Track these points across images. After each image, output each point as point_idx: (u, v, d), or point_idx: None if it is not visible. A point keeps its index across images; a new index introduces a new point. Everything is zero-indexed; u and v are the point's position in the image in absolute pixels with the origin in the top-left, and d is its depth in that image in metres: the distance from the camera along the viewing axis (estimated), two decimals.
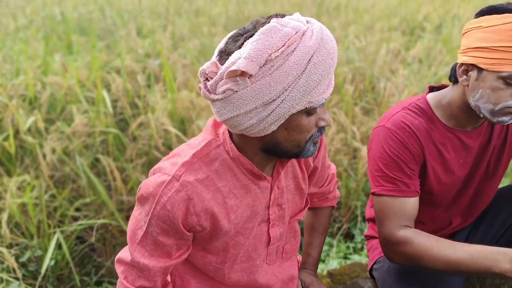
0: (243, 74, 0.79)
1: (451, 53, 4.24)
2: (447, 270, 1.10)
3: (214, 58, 0.86)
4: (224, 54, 0.84)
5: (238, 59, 0.79)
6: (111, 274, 2.08)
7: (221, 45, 0.87)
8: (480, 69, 1.11)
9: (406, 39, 5.28)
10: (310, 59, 0.81)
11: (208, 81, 0.85)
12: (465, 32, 1.16)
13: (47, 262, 1.82)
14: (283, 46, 0.79)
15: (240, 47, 0.82)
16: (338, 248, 2.26)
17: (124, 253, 0.99)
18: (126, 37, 4.94)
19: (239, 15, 7.58)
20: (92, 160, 2.44)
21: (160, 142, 2.36)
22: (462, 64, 1.16)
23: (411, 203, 1.20)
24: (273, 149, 0.92)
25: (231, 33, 0.87)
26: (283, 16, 0.85)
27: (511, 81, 1.08)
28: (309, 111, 0.86)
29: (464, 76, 1.15)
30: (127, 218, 2.29)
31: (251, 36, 0.82)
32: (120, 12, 7.47)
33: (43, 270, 1.81)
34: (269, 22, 0.82)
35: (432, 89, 1.32)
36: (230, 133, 0.96)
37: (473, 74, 1.13)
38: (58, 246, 2.01)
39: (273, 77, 0.80)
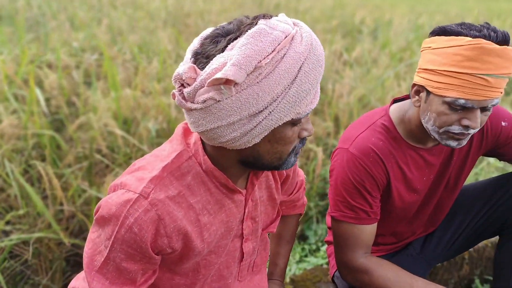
0: (228, 82, 0.70)
1: (394, 58, 4.43)
2: None
3: (189, 60, 0.76)
4: (202, 57, 0.74)
5: (224, 65, 0.70)
6: None
7: (195, 45, 0.77)
8: (428, 92, 1.09)
9: (346, 41, 5.44)
10: (301, 67, 0.74)
11: (185, 87, 0.75)
12: (421, 51, 1.14)
13: None
14: (272, 51, 0.72)
15: (222, 50, 0.73)
16: (294, 251, 2.24)
17: (78, 282, 0.89)
18: (58, 29, 4.55)
19: (178, 11, 7.38)
20: (24, 166, 2.19)
21: (104, 145, 2.17)
22: (414, 85, 1.14)
23: (370, 230, 1.23)
24: (252, 162, 0.85)
25: (207, 33, 0.78)
26: (270, 17, 0.76)
27: (455, 107, 1.04)
28: (294, 122, 0.80)
29: (417, 97, 1.14)
30: (66, 229, 2.08)
31: (235, 38, 0.73)
32: (48, 2, 6.91)
33: None
34: (256, 23, 0.74)
35: (396, 101, 1.29)
36: (203, 142, 0.87)
37: (423, 95, 1.11)
38: None
39: (261, 86, 0.72)
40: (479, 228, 1.41)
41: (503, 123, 1.26)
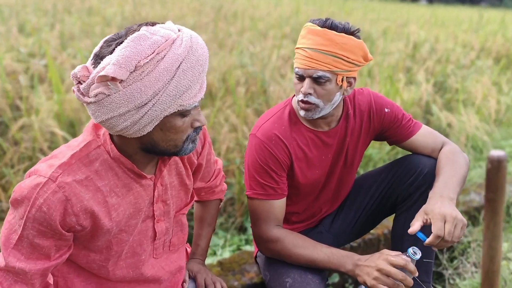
0: (114, 79, 0.82)
1: None
2: (309, 265, 1.35)
3: (90, 61, 0.88)
4: (98, 58, 0.86)
5: (107, 65, 0.82)
6: None
7: (96, 48, 0.89)
8: None
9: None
10: (179, 66, 0.85)
11: (81, 84, 0.87)
12: None
13: None
14: (152, 53, 0.83)
15: (111, 52, 0.84)
16: (232, 241, 2.38)
17: None
18: (6, 34, 4.52)
19: (136, 17, 7.40)
20: None
21: (45, 146, 2.25)
22: None
23: (278, 204, 1.40)
24: (151, 149, 0.96)
25: (107, 37, 0.90)
26: (153, 24, 0.89)
27: (296, 75, 1.31)
28: (182, 113, 0.91)
29: None
30: None
31: (121, 42, 0.85)
32: None
33: None
34: (139, 30, 0.86)
35: None
36: (110, 133, 0.98)
37: None
38: None
39: (144, 82, 0.83)
40: (377, 206, 1.60)
41: (386, 110, 1.48)
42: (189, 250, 1.40)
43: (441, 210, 1.19)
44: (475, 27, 9.51)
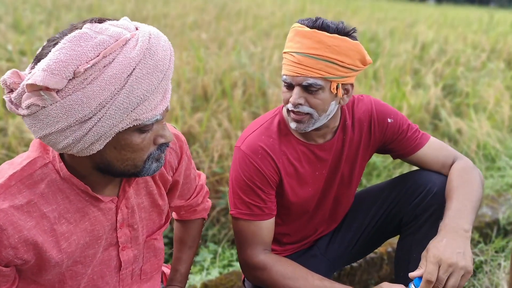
0: (47, 88, 0.69)
1: None
2: None
3: (31, 64, 0.76)
4: (37, 61, 0.73)
5: (38, 71, 0.69)
6: None
7: (40, 48, 0.76)
8: None
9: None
10: (131, 73, 0.72)
11: (12, 93, 0.74)
12: None
13: None
14: (97, 56, 0.71)
15: (47, 54, 0.72)
16: (223, 255, 2.22)
17: None
18: None
19: (136, 14, 7.28)
20: None
21: (22, 151, 2.09)
22: None
23: (266, 226, 1.26)
24: (106, 169, 0.83)
25: (52, 36, 0.77)
26: (102, 21, 0.75)
27: (285, 83, 1.16)
28: (141, 129, 0.78)
29: None
30: None
31: (58, 42, 0.72)
32: None
33: None
34: (81, 27, 0.73)
35: None
36: None
37: None
38: None
39: (86, 92, 0.71)
40: (379, 227, 1.46)
41: (389, 120, 1.33)
42: (167, 271, 1.25)
43: (438, 252, 1.06)
44: (485, 27, 9.27)
